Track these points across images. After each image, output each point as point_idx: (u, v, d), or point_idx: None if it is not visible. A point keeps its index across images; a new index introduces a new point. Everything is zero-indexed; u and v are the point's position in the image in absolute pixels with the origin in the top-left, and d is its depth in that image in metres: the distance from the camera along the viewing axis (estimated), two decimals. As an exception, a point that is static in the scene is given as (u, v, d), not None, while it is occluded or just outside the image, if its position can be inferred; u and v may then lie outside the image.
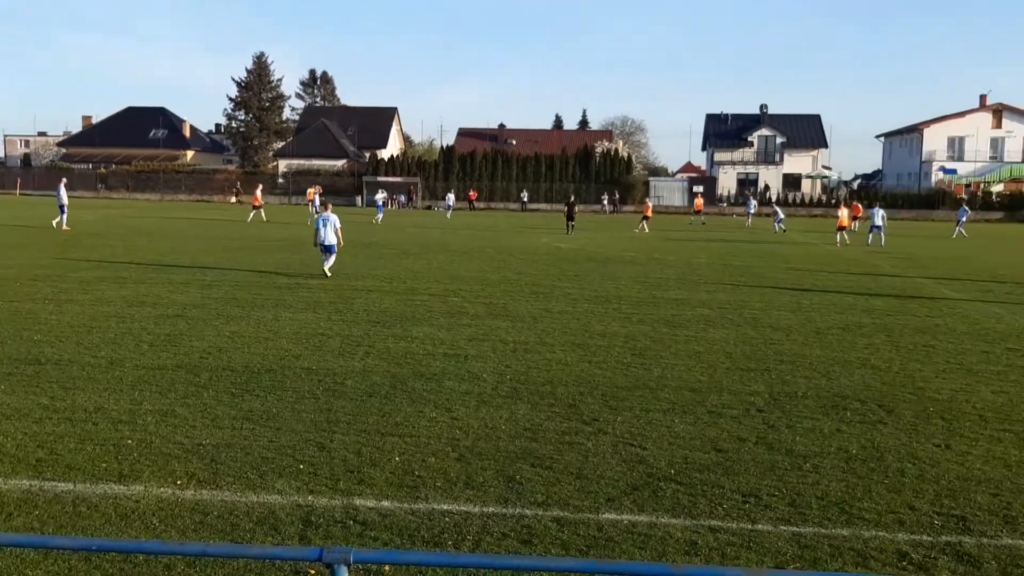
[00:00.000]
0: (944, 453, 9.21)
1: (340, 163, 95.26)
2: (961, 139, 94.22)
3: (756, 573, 3.60)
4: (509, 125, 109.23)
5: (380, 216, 54.96)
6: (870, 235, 41.96)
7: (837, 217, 44.74)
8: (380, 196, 64.24)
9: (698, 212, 66.76)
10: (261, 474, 8.19)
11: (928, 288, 24.24)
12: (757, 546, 6.88)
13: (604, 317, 17.49)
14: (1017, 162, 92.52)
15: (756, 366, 13.17)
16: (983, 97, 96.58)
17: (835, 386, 12.03)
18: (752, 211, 63.70)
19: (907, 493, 8.04)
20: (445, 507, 7.51)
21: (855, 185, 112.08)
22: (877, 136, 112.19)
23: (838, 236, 42.34)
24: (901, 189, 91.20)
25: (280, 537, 6.88)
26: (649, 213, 53.68)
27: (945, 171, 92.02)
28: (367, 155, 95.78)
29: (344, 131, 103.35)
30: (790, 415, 10.50)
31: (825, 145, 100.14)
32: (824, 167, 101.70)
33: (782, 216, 54.48)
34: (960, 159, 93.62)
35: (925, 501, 7.86)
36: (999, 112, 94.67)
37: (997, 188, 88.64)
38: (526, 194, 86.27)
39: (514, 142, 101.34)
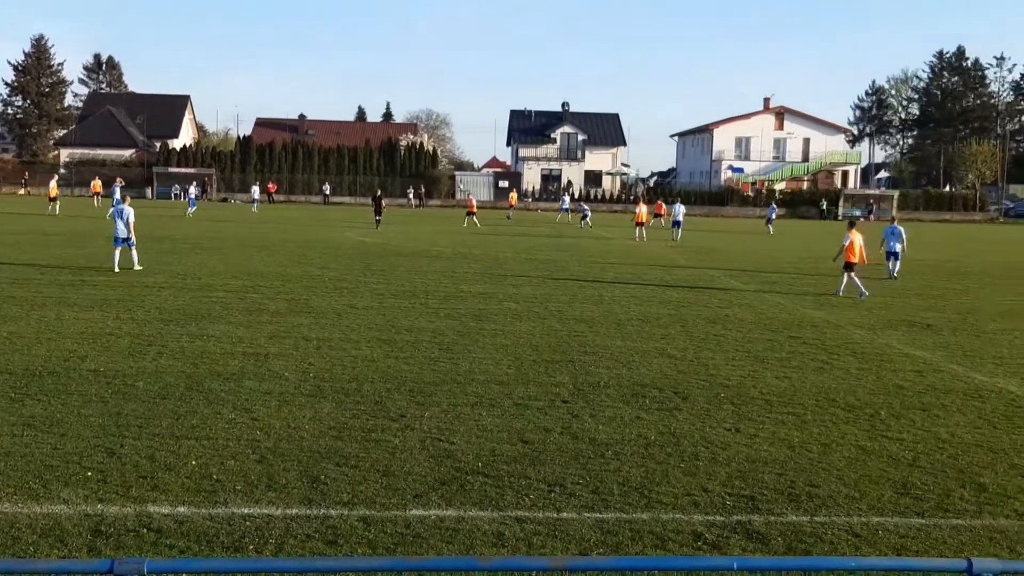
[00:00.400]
0: (734, 436, 9.68)
1: (128, 153, 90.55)
2: (747, 139, 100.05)
3: (559, 561, 3.62)
4: (310, 116, 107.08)
5: (192, 209, 52.90)
6: (672, 230, 43.95)
7: (636, 212, 46.39)
8: (194, 190, 61.83)
9: (511, 207, 67.75)
10: (44, 483, 7.63)
11: (719, 280, 25.53)
12: (562, 534, 6.99)
13: (411, 312, 17.41)
14: (797, 162, 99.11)
15: (561, 358, 13.44)
16: (767, 100, 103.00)
17: (635, 375, 12.44)
18: (565, 207, 65.04)
19: (701, 476, 8.39)
20: (246, 511, 7.22)
21: (652, 182, 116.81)
22: (672, 135, 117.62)
23: (637, 231, 43.93)
24: (694, 186, 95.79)
25: (67, 549, 6.42)
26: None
27: (733, 170, 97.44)
28: (157, 145, 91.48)
29: (132, 119, 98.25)
30: (593, 405, 10.77)
31: (624, 143, 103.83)
32: (623, 164, 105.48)
33: (588, 212, 56.15)
34: (747, 158, 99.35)
35: (718, 483, 8.22)
36: (781, 115, 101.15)
37: (780, 186, 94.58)
38: (328, 187, 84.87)
39: (313, 133, 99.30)
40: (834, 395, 11.66)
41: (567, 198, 69.13)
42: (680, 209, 45.24)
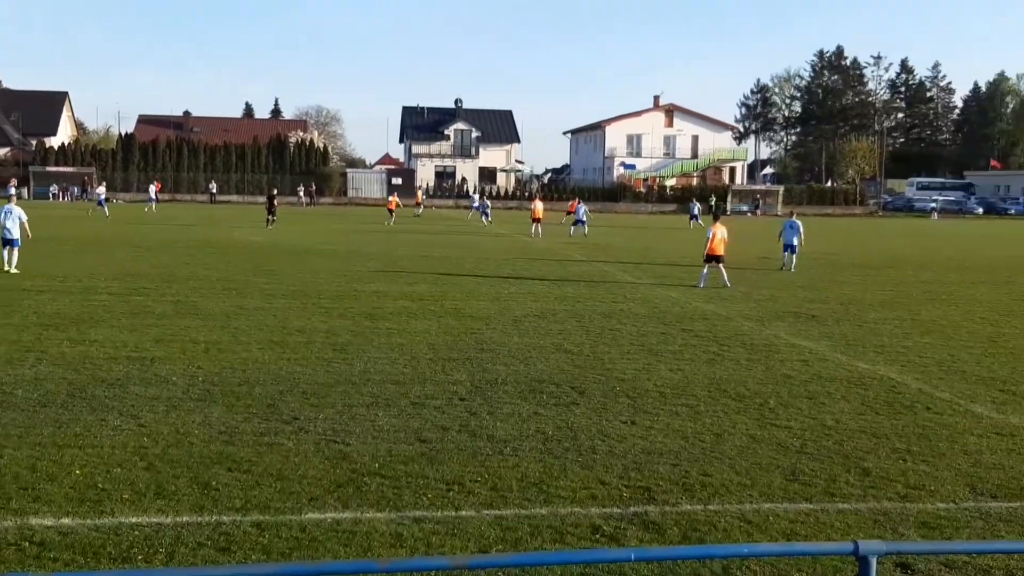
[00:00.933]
0: (630, 429, 9.80)
1: (2, 151, 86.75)
2: (639, 136, 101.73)
3: (459, 560, 3.58)
4: (195, 113, 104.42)
5: (103, 209, 51.46)
6: (573, 228, 44.68)
7: (532, 209, 46.64)
8: (101, 190, 59.62)
9: (418, 204, 67.26)
10: (-89, 501, 7.21)
11: (614, 275, 25.87)
12: (461, 532, 6.96)
13: (303, 312, 17.11)
14: (687, 158, 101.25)
15: (458, 356, 13.39)
16: (656, 98, 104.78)
17: (532, 371, 12.48)
18: (476, 205, 64.02)
19: (599, 469, 8.46)
20: (134, 520, 6.97)
21: (546, 179, 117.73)
22: (565, 132, 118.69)
23: (533, 227, 44.16)
24: (587, 183, 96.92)
25: (-64, 571, 6.08)
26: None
27: (625, 166, 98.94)
28: (34, 143, 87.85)
29: (7, 117, 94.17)
30: (491, 402, 10.76)
31: (518, 140, 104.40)
32: (518, 161, 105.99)
33: (489, 208, 56.30)
34: (639, 155, 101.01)
35: (615, 475, 8.31)
36: (671, 112, 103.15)
37: (670, 182, 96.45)
38: (215, 185, 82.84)
39: (199, 130, 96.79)
40: (725, 386, 11.92)
41: (476, 196, 68.90)
42: (582, 208, 46.46)
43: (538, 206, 45.89)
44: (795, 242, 27.73)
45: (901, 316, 18.82)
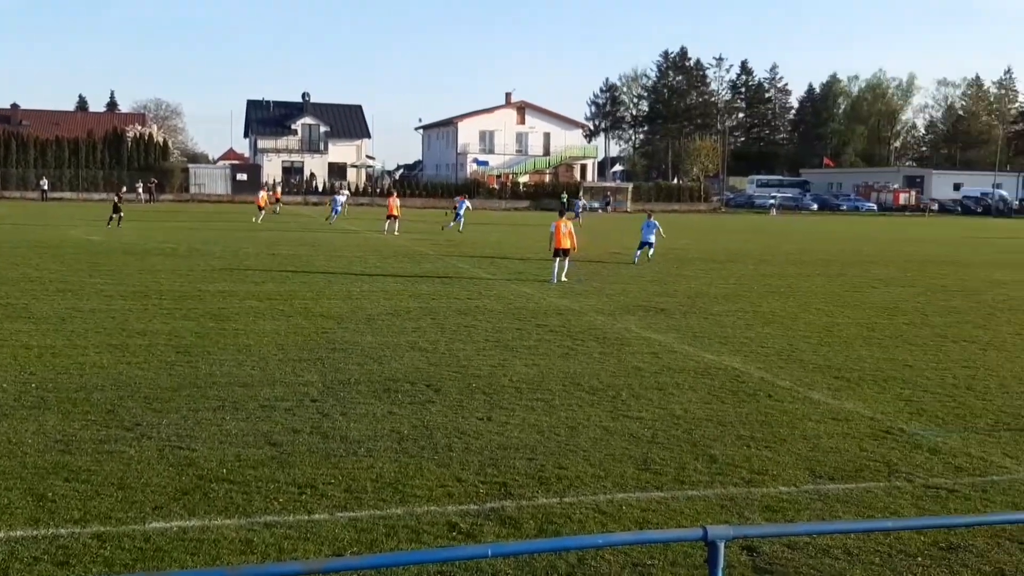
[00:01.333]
0: (486, 425, 9.81)
1: None
2: (491, 133, 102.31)
3: (313, 564, 3.47)
4: (24, 105, 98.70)
5: None
6: (454, 223, 45.18)
7: (388, 205, 46.16)
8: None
9: (277, 200, 65.18)
10: None
11: (469, 271, 25.90)
12: (315, 536, 6.79)
13: (143, 314, 16.41)
14: (539, 155, 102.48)
15: (309, 356, 13.11)
16: (508, 95, 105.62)
17: (387, 370, 12.34)
18: (336, 207, 61.50)
19: (455, 466, 8.43)
20: (-43, 540, 6.50)
21: (398, 175, 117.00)
22: (417, 128, 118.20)
23: (387, 224, 43.67)
24: (440, 179, 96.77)
25: None
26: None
27: (478, 163, 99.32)
28: None
29: None
30: (344, 402, 10.57)
31: (368, 135, 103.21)
32: (368, 157, 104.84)
33: (340, 202, 55.15)
34: (491, 152, 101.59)
35: (471, 472, 8.29)
36: (523, 109, 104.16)
37: (523, 179, 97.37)
38: (47, 182, 78.53)
39: (28, 124, 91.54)
40: (579, 379, 12.09)
41: (346, 194, 67.19)
42: (464, 204, 47.59)
43: (394, 202, 45.48)
44: (652, 239, 29.51)
45: (744, 308, 19.55)
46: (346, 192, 68.43)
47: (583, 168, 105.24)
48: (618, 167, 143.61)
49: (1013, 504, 7.94)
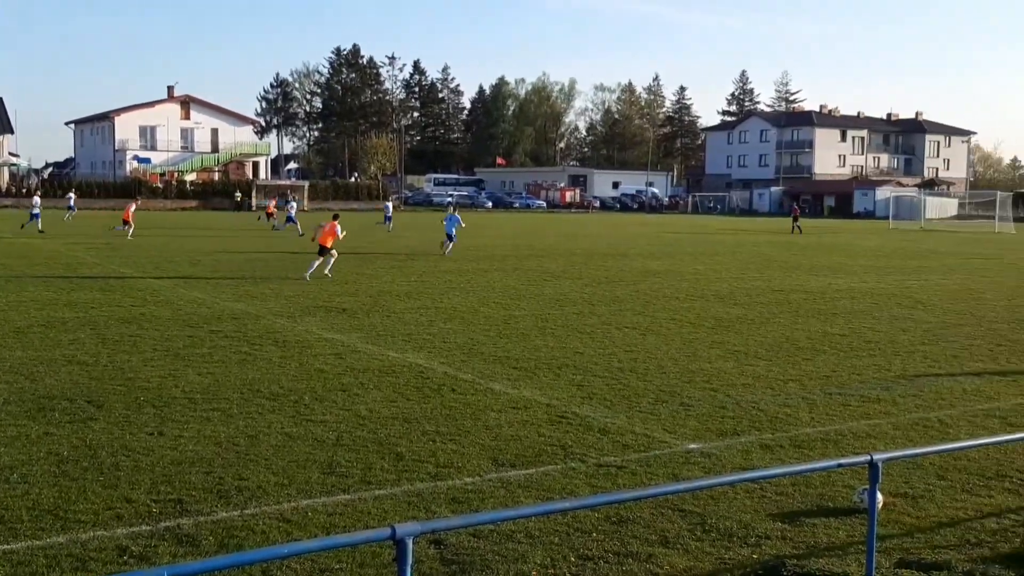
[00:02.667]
0: (158, 440, 9.18)
1: None
2: (153, 128, 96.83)
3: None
4: None
5: None
6: (287, 225, 45.90)
7: (31, 206, 42.23)
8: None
9: None
10: None
11: (132, 277, 24.27)
12: (-43, 581, 6.01)
13: None
14: (207, 152, 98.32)
15: (-55, 375, 11.64)
16: (171, 88, 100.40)
17: (40, 387, 11.23)
18: (36, 212, 47.19)
19: (123, 487, 7.81)
20: None
21: (47, 174, 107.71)
22: (67, 123, 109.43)
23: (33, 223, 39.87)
24: (97, 177, 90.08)
25: None
26: None
27: (139, 160, 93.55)
28: None
29: None
30: (-10, 425, 9.48)
31: (11, 131, 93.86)
32: (11, 154, 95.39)
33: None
34: (153, 148, 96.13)
35: (142, 491, 7.72)
36: (187, 103, 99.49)
37: (191, 177, 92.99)
38: None
39: None
40: (258, 386, 11.66)
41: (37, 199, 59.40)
42: (292, 205, 49.95)
43: (37, 201, 41.66)
44: (453, 232, 32.86)
45: (426, 305, 19.84)
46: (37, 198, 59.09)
47: (255, 166, 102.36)
48: (293, 165, 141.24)
49: (673, 475, 8.60)
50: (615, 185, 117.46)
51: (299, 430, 9.70)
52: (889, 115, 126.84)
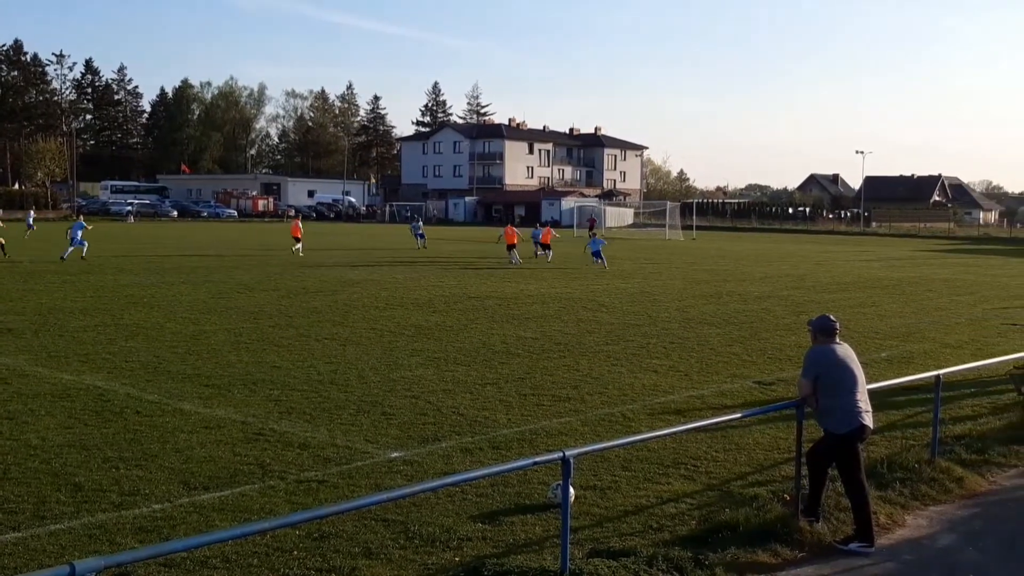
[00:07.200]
0: None
1: None
2: None
3: None
4: None
5: None
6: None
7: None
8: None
9: None
10: None
11: None
12: None
13: None
14: None
15: None
16: None
17: None
18: None
19: None
20: None
21: None
22: None
23: None
24: None
25: None
26: None
27: None
28: None
29: None
30: None
31: None
32: None
33: None
34: None
35: None
36: None
37: None
38: None
39: None
40: (-94, 417, 10.31)
41: None
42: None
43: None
44: (79, 235, 34.07)
45: (105, 322, 18.48)
46: None
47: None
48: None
49: (376, 485, 8.54)
50: (311, 194, 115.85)
51: (-44, 466, 8.66)
52: (571, 129, 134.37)
